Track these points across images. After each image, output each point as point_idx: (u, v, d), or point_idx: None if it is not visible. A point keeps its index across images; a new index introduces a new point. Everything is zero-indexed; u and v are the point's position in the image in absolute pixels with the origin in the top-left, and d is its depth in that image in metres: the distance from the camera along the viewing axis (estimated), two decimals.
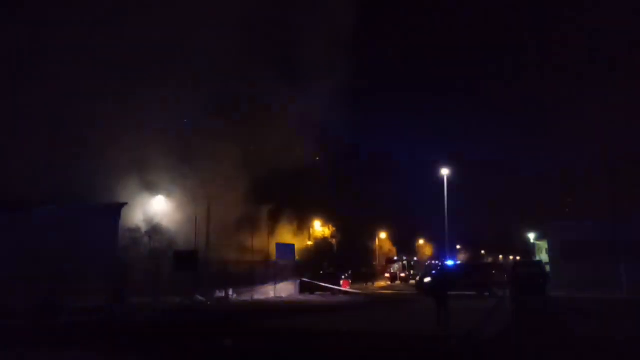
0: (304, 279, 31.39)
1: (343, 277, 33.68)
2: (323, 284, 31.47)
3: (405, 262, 63.32)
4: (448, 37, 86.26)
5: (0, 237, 19.96)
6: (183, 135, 31.35)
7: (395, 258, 60.78)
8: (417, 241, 71.74)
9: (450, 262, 25.25)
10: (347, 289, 32.51)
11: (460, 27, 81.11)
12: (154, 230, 27.57)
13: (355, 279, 41.02)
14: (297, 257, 33.64)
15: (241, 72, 33.65)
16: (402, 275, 57.80)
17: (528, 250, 59.54)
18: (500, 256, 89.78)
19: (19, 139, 24.07)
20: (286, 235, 38.92)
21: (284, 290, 28.70)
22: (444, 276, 16.52)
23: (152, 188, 29.15)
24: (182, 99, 30.53)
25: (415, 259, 69.31)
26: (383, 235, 57.98)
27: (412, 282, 47.85)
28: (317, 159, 43.51)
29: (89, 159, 25.78)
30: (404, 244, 65.41)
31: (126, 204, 24.25)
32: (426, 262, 67.14)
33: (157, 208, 29.28)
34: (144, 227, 27.06)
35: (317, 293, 30.45)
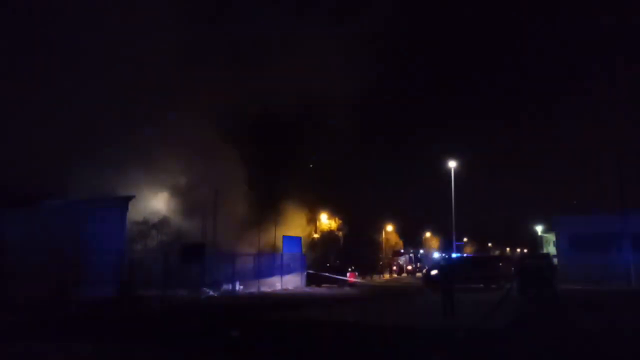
0: (311, 272, 31.49)
1: (349, 269, 33.76)
2: (330, 276, 31.56)
3: (411, 255, 63.37)
4: (458, 28, 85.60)
5: (9, 230, 20.15)
6: (192, 128, 31.42)
7: (402, 251, 60.79)
8: (424, 234, 71.65)
9: (456, 255, 25.22)
10: (353, 281, 32.59)
11: (474, 18, 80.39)
12: (162, 223, 27.72)
13: (361, 272, 41.09)
14: (303, 250, 33.73)
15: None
16: (409, 267, 57.90)
17: (535, 242, 59.41)
18: (508, 249, 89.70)
19: (27, 133, 24.22)
20: (293, 227, 39.00)
21: (290, 282, 28.82)
22: (450, 268, 16.53)
23: (159, 181, 29.28)
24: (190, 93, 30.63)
25: (421, 251, 69.33)
26: (390, 227, 57.92)
27: (419, 274, 47.89)
28: (314, 155, 43.74)
29: (96, 152, 25.92)
30: (410, 237, 65.34)
31: (134, 196, 24.35)
32: (433, 254, 67.17)
33: (164, 201, 29.41)
34: (151, 220, 27.21)
35: (324, 285, 30.55)
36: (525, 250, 71.45)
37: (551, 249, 43.97)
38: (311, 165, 43.95)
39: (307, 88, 36.45)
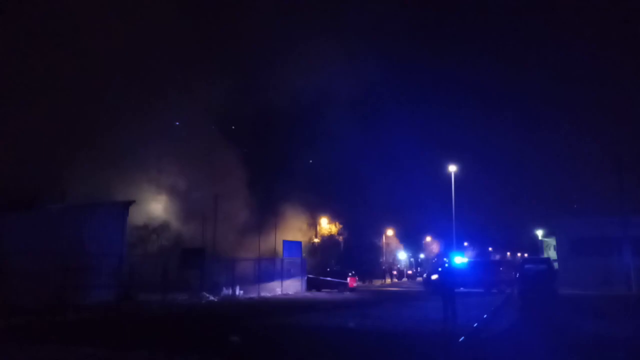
0: (311, 276, 31.42)
1: (350, 274, 33.70)
2: (330, 281, 31.50)
3: (412, 259, 63.29)
4: (456, 34, 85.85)
5: (9, 234, 20.13)
6: (191, 133, 31.50)
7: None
8: (424, 238, 71.58)
9: (456, 260, 25.14)
10: (353, 286, 32.52)
11: (470, 23, 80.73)
12: (162, 227, 27.72)
13: (361, 276, 41.05)
14: (304, 254, 33.68)
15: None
16: (409, 272, 57.83)
17: (536, 247, 59.26)
18: (508, 253, 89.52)
19: (28, 137, 24.25)
20: (293, 232, 38.97)
21: (290, 287, 28.76)
22: (451, 273, 16.49)
23: (160, 185, 29.30)
24: (189, 97, 30.68)
25: (422, 255, 69.25)
26: (390, 232, 57.91)
27: (419, 279, 47.80)
28: (310, 161, 43.93)
29: (97, 157, 25.96)
30: (411, 241, 65.27)
31: (134, 201, 24.39)
32: (433, 259, 67.09)
33: (164, 206, 29.42)
34: (151, 225, 27.22)
35: (324, 290, 30.48)
36: (526, 255, 71.33)
37: (552, 254, 43.87)
38: (310, 161, 43.96)
39: (307, 90, 36.62)
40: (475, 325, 13.99)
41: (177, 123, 31.39)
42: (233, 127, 32.71)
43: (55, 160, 24.35)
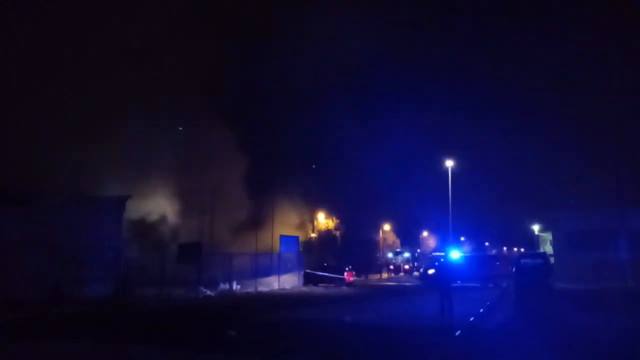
0: (308, 271, 31.46)
1: (347, 268, 33.76)
2: (327, 276, 31.56)
3: (409, 254, 63.48)
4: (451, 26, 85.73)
5: (7, 229, 20.08)
6: (187, 128, 31.40)
7: (399, 250, 60.87)
8: (421, 233, 71.72)
9: (453, 254, 25.17)
10: (350, 280, 32.58)
11: (465, 18, 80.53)
12: (159, 222, 27.68)
13: (359, 271, 41.12)
14: (300, 249, 33.72)
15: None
16: (406, 267, 57.99)
17: (532, 241, 59.51)
18: (504, 248, 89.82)
19: (25, 132, 24.13)
20: (290, 227, 38.99)
21: (287, 282, 28.79)
22: (447, 268, 16.55)
23: (157, 180, 29.21)
24: (187, 91, 30.54)
25: (419, 250, 69.43)
26: (387, 227, 57.99)
27: (416, 273, 47.99)
28: (314, 166, 43.96)
29: (94, 151, 25.84)
30: (407, 236, 65.39)
31: (131, 196, 24.32)
32: (430, 253, 67.28)
33: (161, 200, 29.35)
34: (148, 219, 27.17)
35: (321, 285, 30.53)
36: (522, 249, 71.57)
37: (548, 248, 44.08)
38: (314, 166, 44.11)
39: (303, 80, 36.52)
40: (472, 319, 14.06)
41: (180, 128, 31.24)
42: (230, 119, 32.50)
43: (51, 154, 24.23)
